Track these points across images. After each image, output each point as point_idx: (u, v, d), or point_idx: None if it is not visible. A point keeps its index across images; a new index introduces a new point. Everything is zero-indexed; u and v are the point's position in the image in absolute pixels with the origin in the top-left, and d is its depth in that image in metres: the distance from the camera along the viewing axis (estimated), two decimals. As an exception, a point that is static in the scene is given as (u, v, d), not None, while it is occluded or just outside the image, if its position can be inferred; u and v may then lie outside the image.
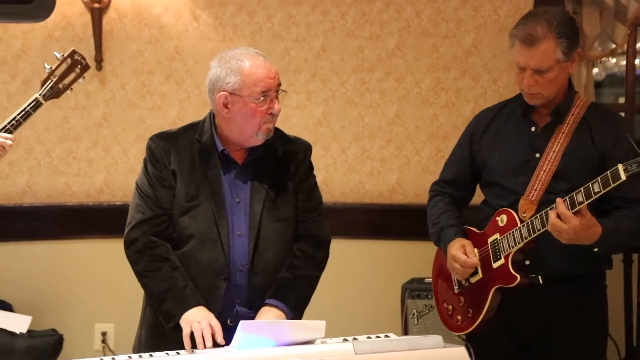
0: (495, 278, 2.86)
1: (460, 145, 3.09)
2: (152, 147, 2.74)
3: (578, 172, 2.80)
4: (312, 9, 4.25)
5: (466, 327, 2.95)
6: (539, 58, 2.77)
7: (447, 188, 3.09)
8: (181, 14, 4.26)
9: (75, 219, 4.29)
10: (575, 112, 2.86)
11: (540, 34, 2.76)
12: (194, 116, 4.19)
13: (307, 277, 2.76)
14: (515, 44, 2.80)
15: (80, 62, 3.20)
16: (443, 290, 3.09)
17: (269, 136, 2.69)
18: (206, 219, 2.68)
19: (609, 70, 6.36)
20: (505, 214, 2.86)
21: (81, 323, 4.27)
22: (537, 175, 2.83)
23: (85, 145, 4.30)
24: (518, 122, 2.93)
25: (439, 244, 3.05)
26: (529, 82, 2.79)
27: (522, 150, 2.89)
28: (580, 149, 2.83)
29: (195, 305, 2.60)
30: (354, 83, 4.27)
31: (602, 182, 2.60)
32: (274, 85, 2.65)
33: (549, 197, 2.78)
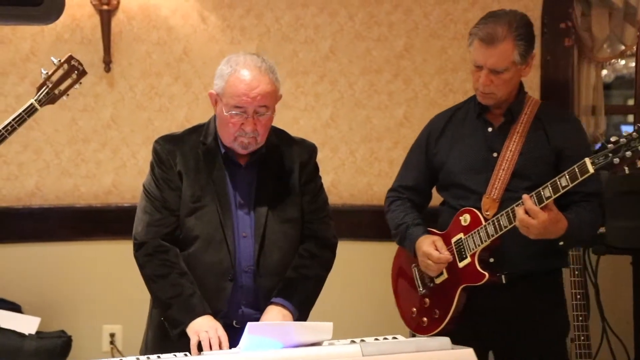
0: (461, 277, 2.89)
1: (416, 150, 3.11)
2: (158, 150, 2.75)
3: (536, 169, 2.86)
4: (320, 11, 4.25)
5: (433, 328, 2.96)
6: (496, 58, 2.81)
7: (406, 193, 3.11)
8: (189, 16, 4.27)
9: (83, 220, 4.29)
10: (527, 111, 2.92)
11: (500, 34, 2.80)
12: (202, 118, 4.19)
13: (313, 276, 2.76)
14: (474, 42, 2.83)
15: (77, 67, 3.17)
16: (405, 292, 3.10)
17: (247, 150, 2.67)
18: (211, 220, 2.68)
19: (618, 72, 6.34)
20: (468, 213, 2.90)
21: (89, 324, 4.27)
22: (496, 174, 2.88)
23: (94, 147, 4.31)
24: (473, 123, 2.98)
25: (403, 243, 3.04)
26: (484, 81, 2.83)
27: (479, 150, 2.93)
28: (536, 147, 2.89)
29: (202, 314, 2.60)
30: (362, 85, 4.27)
31: (570, 177, 2.65)
32: (250, 105, 2.59)
33: (509, 195, 2.84)
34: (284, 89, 2.72)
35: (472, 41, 2.84)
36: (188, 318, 2.59)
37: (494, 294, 2.87)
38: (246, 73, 2.61)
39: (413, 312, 3.06)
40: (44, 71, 3.12)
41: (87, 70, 4.22)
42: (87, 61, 4.24)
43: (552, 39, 4.16)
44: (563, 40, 4.14)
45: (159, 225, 2.70)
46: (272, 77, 2.64)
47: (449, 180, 2.99)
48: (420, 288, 3.03)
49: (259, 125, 2.63)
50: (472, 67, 2.88)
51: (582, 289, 3.63)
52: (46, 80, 3.12)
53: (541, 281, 2.92)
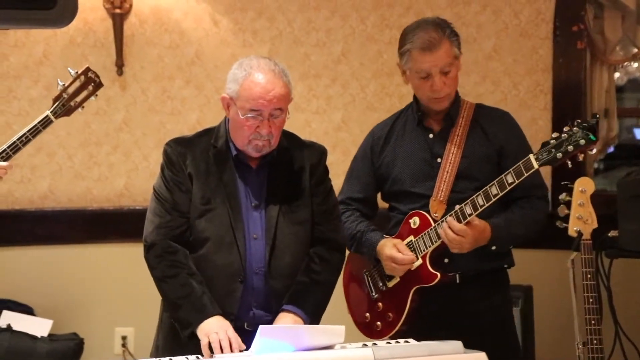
0: (414, 279, 2.93)
1: (360, 161, 3.15)
2: (169, 152, 2.77)
3: (479, 170, 2.95)
4: (332, 14, 4.25)
5: (387, 331, 2.98)
6: (443, 59, 2.89)
7: (355, 204, 3.14)
8: (201, 20, 4.28)
9: (96, 223, 4.31)
10: (464, 114, 3.00)
11: (437, 37, 2.89)
12: (213, 121, 4.19)
13: (324, 282, 2.76)
14: (412, 54, 2.90)
15: (94, 80, 3.15)
16: (357, 298, 3.12)
17: (260, 152, 2.69)
18: (222, 222, 2.69)
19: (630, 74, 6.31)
20: (417, 215, 2.95)
21: (102, 327, 4.28)
22: (441, 177, 2.94)
23: (106, 150, 4.32)
24: (414, 130, 3.04)
25: (361, 250, 3.06)
26: (440, 85, 2.90)
27: (423, 156, 3.00)
28: (477, 148, 2.97)
29: (212, 314, 2.60)
30: (373, 88, 4.27)
31: (516, 173, 2.75)
32: (266, 107, 2.62)
33: (456, 197, 2.91)
34: (296, 92, 2.74)
35: (409, 55, 2.91)
36: (198, 318, 2.59)
37: (445, 293, 2.92)
38: (261, 76, 2.63)
39: (367, 318, 3.07)
40: (60, 83, 3.10)
41: (100, 74, 4.26)
42: (99, 64, 4.27)
43: (564, 42, 4.15)
44: (575, 43, 4.13)
45: (169, 227, 2.71)
46: (285, 79, 2.67)
47: (396, 189, 3.04)
48: (372, 293, 3.05)
49: (274, 127, 2.65)
50: (415, 81, 2.94)
51: (595, 293, 3.60)
52: (62, 92, 3.11)
53: (490, 280, 3.00)
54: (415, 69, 2.92)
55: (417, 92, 2.99)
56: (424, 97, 2.97)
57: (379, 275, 3.04)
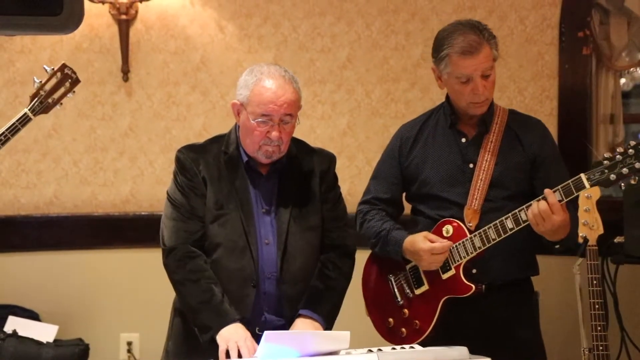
0: (445, 289, 2.88)
1: (387, 161, 3.08)
2: (181, 158, 2.78)
3: (513, 178, 2.89)
4: (337, 20, 4.26)
5: (413, 338, 2.92)
6: (484, 62, 2.83)
7: (380, 205, 3.06)
8: (207, 26, 4.28)
9: (101, 229, 4.31)
10: (498, 121, 2.93)
11: (477, 40, 2.82)
12: (219, 126, 4.22)
13: (337, 288, 2.80)
14: (452, 58, 2.83)
15: (71, 76, 3.12)
16: (381, 303, 3.05)
17: (270, 159, 2.70)
18: (235, 227, 2.70)
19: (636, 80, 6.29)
20: (450, 224, 2.87)
21: (107, 333, 4.28)
22: (475, 185, 2.88)
23: (112, 156, 4.33)
24: (446, 133, 2.97)
25: (386, 249, 2.97)
26: (482, 89, 2.83)
27: (454, 161, 2.93)
28: (511, 156, 2.90)
29: (233, 320, 2.61)
30: (379, 94, 4.27)
31: (564, 192, 2.68)
32: (277, 112, 2.63)
33: (489, 206, 2.86)
34: (302, 97, 2.74)
35: (447, 61, 2.84)
36: (219, 324, 2.60)
37: (472, 304, 2.87)
38: (272, 82, 2.65)
39: (389, 323, 3.02)
40: (36, 80, 3.08)
41: (106, 80, 4.28)
42: (105, 70, 4.29)
43: (570, 48, 4.14)
44: (581, 49, 4.12)
45: (188, 231, 2.72)
46: (295, 86, 2.69)
47: (424, 191, 2.97)
48: (398, 299, 2.99)
49: (284, 133, 2.66)
50: (455, 86, 2.86)
51: (601, 299, 3.59)
52: (39, 89, 3.08)
53: (517, 290, 2.96)
54: (455, 74, 2.84)
55: (456, 97, 2.91)
56: (463, 102, 2.89)
57: (406, 281, 2.98)
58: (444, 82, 2.92)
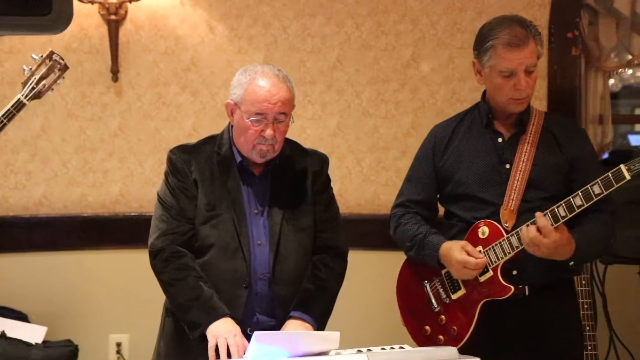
0: (483, 292, 2.82)
1: (421, 162, 3.02)
2: (173, 159, 2.77)
3: (550, 180, 2.84)
4: (327, 21, 4.26)
5: (452, 346, 2.80)
6: (530, 57, 2.78)
7: (415, 208, 3.00)
8: (197, 26, 4.28)
9: (90, 229, 4.30)
10: (535, 121, 2.89)
11: (523, 34, 2.78)
12: (209, 127, 4.22)
13: (329, 289, 2.80)
14: (497, 50, 2.78)
15: (59, 62, 3.21)
16: (416, 310, 2.99)
17: (264, 158, 2.70)
18: (227, 228, 2.70)
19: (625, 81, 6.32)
20: (486, 225, 2.82)
21: (96, 334, 4.27)
22: (511, 185, 2.83)
23: (101, 156, 4.32)
24: (481, 133, 2.92)
25: (422, 253, 2.91)
26: (524, 84, 2.78)
27: (490, 161, 2.88)
28: (549, 157, 2.85)
29: (222, 315, 2.61)
30: (369, 94, 4.27)
31: (604, 184, 2.62)
32: (271, 111, 2.64)
33: (526, 206, 2.81)
34: (291, 98, 2.75)
35: (491, 53, 2.79)
36: (208, 320, 2.60)
37: (512, 306, 2.80)
38: (266, 80, 2.66)
39: (426, 331, 2.95)
40: (26, 68, 3.16)
41: (95, 80, 4.27)
42: (94, 71, 4.28)
43: (559, 48, 4.16)
44: (570, 50, 4.13)
45: (176, 233, 2.72)
46: (289, 85, 2.70)
47: (459, 192, 2.91)
48: (434, 305, 2.93)
49: (278, 132, 2.67)
50: (497, 79, 2.81)
51: (590, 299, 3.61)
52: (30, 75, 3.15)
53: (559, 291, 2.89)
54: (498, 67, 2.78)
55: (496, 92, 2.83)
56: (503, 98, 2.82)
57: (442, 287, 2.92)
58: (484, 76, 2.86)
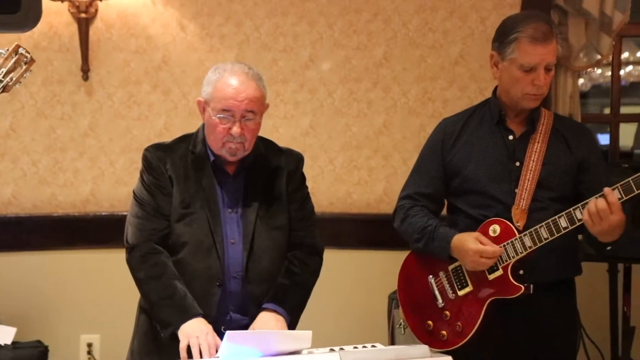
0: (491, 290, 2.83)
1: (429, 155, 3.01)
2: (148, 157, 2.78)
3: (559, 180, 2.85)
4: (299, 20, 4.26)
5: (455, 341, 2.87)
6: (552, 54, 2.80)
7: (423, 200, 2.99)
8: (168, 25, 4.26)
9: (61, 229, 4.27)
10: (544, 121, 2.90)
11: (548, 30, 2.79)
12: (181, 126, 4.20)
13: (303, 283, 2.80)
14: (521, 43, 2.78)
15: (25, 56, 3.19)
16: (419, 305, 2.98)
17: (235, 156, 2.71)
18: (201, 226, 2.70)
19: (594, 81, 6.40)
20: (497, 223, 2.82)
21: (67, 334, 4.24)
22: (522, 184, 2.83)
23: (72, 156, 4.29)
24: (492, 129, 2.92)
25: (431, 245, 2.90)
26: (544, 80, 2.79)
27: (500, 158, 2.88)
28: (559, 158, 2.86)
29: (194, 315, 2.61)
30: (341, 93, 4.28)
31: (624, 190, 2.62)
32: (238, 108, 2.65)
33: (536, 206, 2.81)
34: (263, 97, 2.74)
35: (515, 46, 2.79)
36: (180, 319, 2.60)
37: (517, 305, 2.81)
38: (234, 78, 2.67)
39: (428, 326, 2.94)
40: None
41: (65, 79, 4.23)
42: (64, 69, 4.24)
43: (530, 48, 4.17)
44: (540, 50, 4.16)
45: (152, 229, 2.72)
46: (259, 83, 2.70)
47: (467, 187, 2.90)
48: (439, 300, 2.91)
49: (246, 130, 2.67)
50: (516, 72, 2.80)
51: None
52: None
53: (561, 290, 2.91)
54: (520, 60, 2.78)
55: (513, 86, 2.82)
56: (519, 92, 2.82)
57: (448, 282, 2.91)
58: (501, 69, 2.85)
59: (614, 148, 4.45)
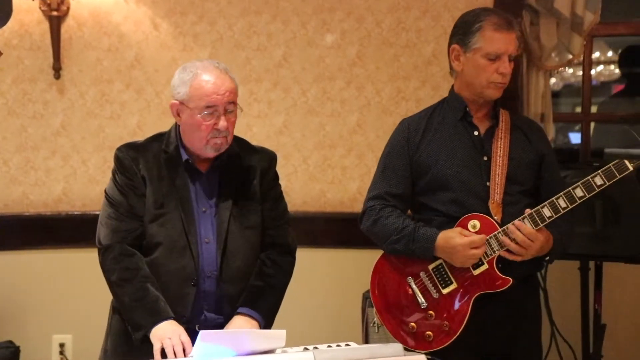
0: (477, 285, 2.84)
1: (396, 155, 2.98)
2: (121, 157, 2.76)
3: (525, 174, 2.90)
4: (273, 18, 4.26)
5: (443, 340, 2.86)
6: (515, 43, 2.84)
7: (393, 201, 2.97)
8: (141, 23, 4.24)
9: (32, 229, 4.23)
10: (503, 118, 2.95)
11: (510, 19, 2.84)
12: (153, 125, 4.18)
13: (277, 285, 2.81)
14: (486, 32, 2.81)
15: None
16: (398, 307, 2.95)
17: (219, 151, 2.71)
18: (175, 226, 2.70)
19: (566, 80, 6.46)
20: (476, 219, 2.84)
21: (39, 334, 4.21)
22: (494, 179, 2.86)
23: (44, 155, 4.25)
24: (456, 126, 2.94)
25: (412, 246, 2.88)
26: (508, 69, 2.83)
27: (470, 153, 2.90)
28: (522, 152, 2.92)
29: (166, 318, 2.61)
30: (315, 92, 4.28)
31: (606, 176, 2.69)
32: (221, 102, 2.66)
33: (508, 199, 2.86)
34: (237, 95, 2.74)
35: (479, 35, 2.82)
36: (152, 322, 2.60)
37: (496, 299, 2.84)
38: (209, 74, 2.67)
39: (412, 328, 2.91)
40: None
41: (37, 77, 4.20)
42: (36, 67, 4.21)
43: (502, 48, 4.20)
44: (512, 49, 4.18)
45: (125, 230, 2.71)
46: (231, 75, 2.72)
47: (439, 184, 2.90)
48: (422, 301, 2.89)
49: (229, 123, 2.69)
50: (481, 61, 2.83)
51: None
52: None
53: (530, 285, 2.98)
54: (486, 49, 2.81)
55: (478, 76, 2.85)
56: (484, 82, 2.85)
57: (431, 282, 2.90)
58: (463, 61, 2.88)
59: (586, 147, 4.49)
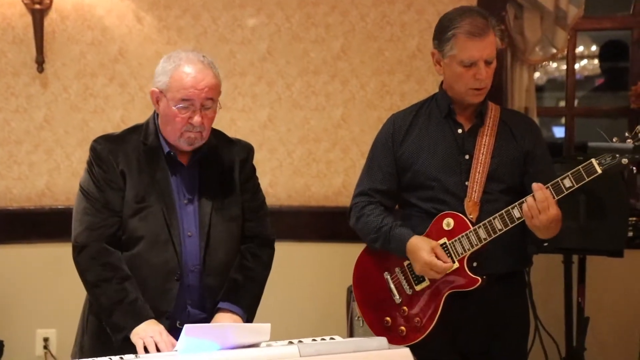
0: (448, 283, 2.85)
1: (381, 151, 3.01)
2: (98, 149, 2.70)
3: (508, 172, 2.89)
4: (257, 12, 4.25)
5: (415, 336, 2.89)
6: (490, 47, 2.83)
7: (377, 197, 3.00)
8: (125, 16, 4.22)
9: (16, 223, 4.21)
10: (492, 115, 2.94)
11: (484, 24, 2.83)
12: (137, 119, 4.14)
13: (257, 278, 2.79)
14: (459, 40, 2.82)
15: None
16: (377, 301, 2.98)
17: (193, 145, 2.67)
18: (157, 220, 2.66)
19: (549, 74, 6.48)
20: (451, 217, 2.85)
21: (22, 328, 4.19)
22: (473, 177, 2.86)
23: (27, 149, 4.23)
24: (441, 123, 2.95)
25: (388, 246, 2.93)
26: (485, 74, 2.83)
27: (450, 151, 2.91)
28: (507, 150, 2.91)
29: (146, 318, 2.58)
30: (299, 86, 4.28)
31: (575, 178, 2.68)
32: (198, 97, 2.61)
33: (486, 198, 2.86)
34: (221, 89, 2.73)
35: (453, 42, 2.82)
36: (132, 323, 2.57)
37: (472, 297, 2.84)
38: (191, 67, 2.63)
39: (386, 322, 2.95)
40: None
41: (20, 71, 4.17)
42: (19, 61, 4.19)
43: (486, 42, 4.21)
44: (496, 43, 4.20)
45: (102, 227, 2.66)
46: (215, 71, 2.67)
47: (419, 181, 2.92)
48: (396, 296, 2.93)
49: (205, 119, 2.65)
50: (457, 68, 2.84)
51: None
52: None
53: (512, 281, 2.95)
54: (460, 56, 2.82)
55: (456, 82, 2.87)
56: (462, 88, 2.86)
57: (405, 278, 2.93)
58: (443, 66, 2.89)
59: (569, 141, 4.51)
